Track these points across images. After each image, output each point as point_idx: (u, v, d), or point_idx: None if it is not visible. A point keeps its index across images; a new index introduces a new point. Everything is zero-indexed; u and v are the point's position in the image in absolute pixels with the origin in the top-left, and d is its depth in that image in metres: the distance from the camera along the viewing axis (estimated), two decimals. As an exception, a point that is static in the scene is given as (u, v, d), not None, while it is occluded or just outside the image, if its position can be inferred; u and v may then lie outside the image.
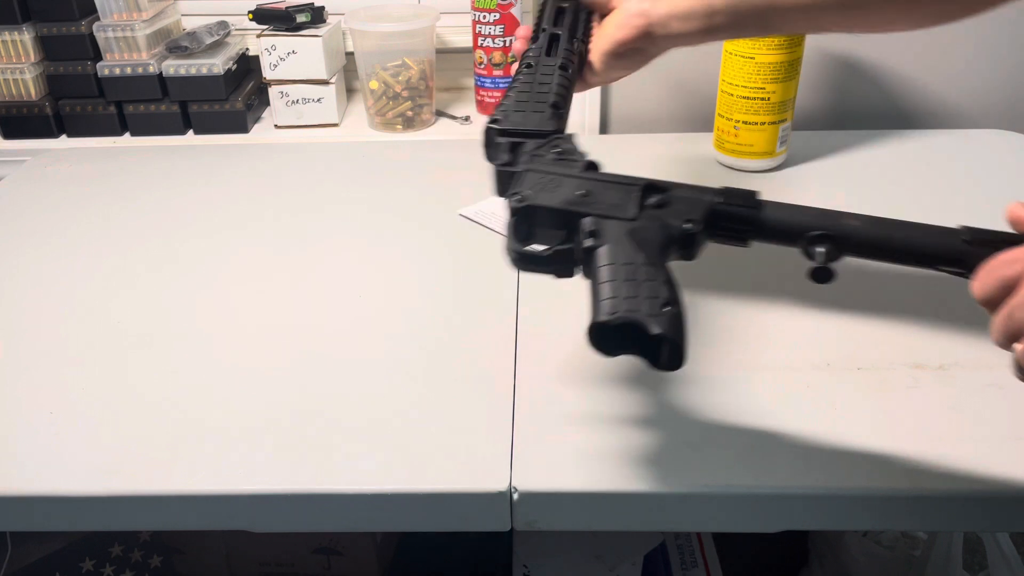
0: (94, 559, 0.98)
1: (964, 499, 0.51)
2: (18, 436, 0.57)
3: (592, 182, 0.49)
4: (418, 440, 0.56)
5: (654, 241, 0.46)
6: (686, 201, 0.48)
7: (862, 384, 0.60)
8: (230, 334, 0.67)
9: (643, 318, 0.41)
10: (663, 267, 0.45)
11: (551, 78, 0.58)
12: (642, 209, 0.47)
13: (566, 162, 0.50)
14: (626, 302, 0.42)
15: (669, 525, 0.54)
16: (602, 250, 0.45)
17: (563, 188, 0.49)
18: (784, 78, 0.88)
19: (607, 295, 0.43)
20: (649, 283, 0.43)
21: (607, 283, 0.43)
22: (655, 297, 0.42)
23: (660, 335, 0.41)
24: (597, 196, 0.48)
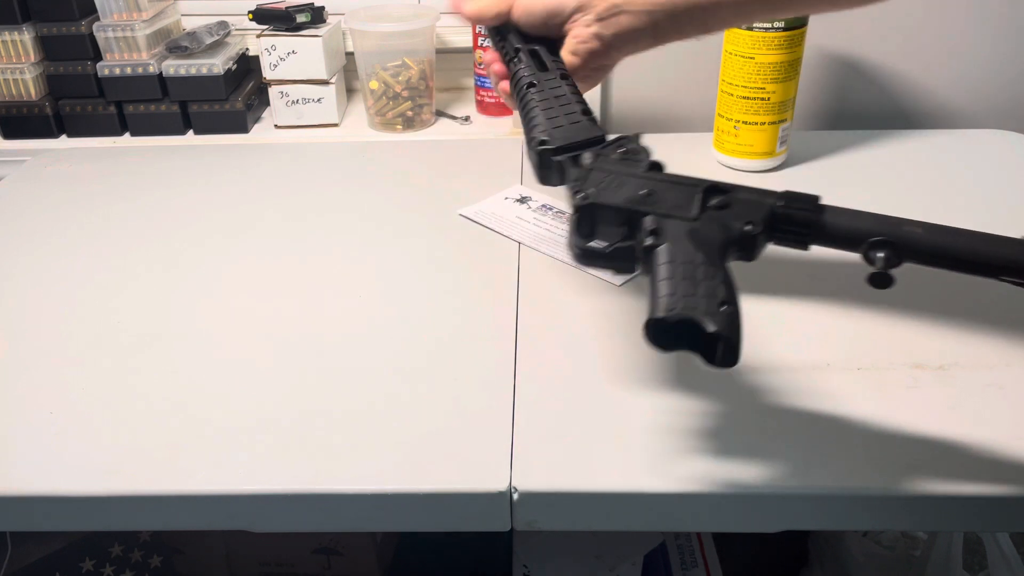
0: (94, 559, 0.98)
1: (964, 499, 0.51)
2: (18, 436, 0.57)
3: (655, 182, 0.50)
4: (418, 440, 0.56)
5: (714, 241, 0.47)
6: (747, 203, 0.49)
7: (862, 384, 0.60)
8: (230, 334, 0.67)
9: (700, 316, 0.42)
10: (722, 267, 0.46)
11: (562, 89, 0.57)
12: (704, 210, 0.48)
13: (630, 162, 0.51)
14: (684, 299, 0.43)
15: (669, 525, 0.54)
16: (662, 248, 0.46)
17: (626, 187, 0.50)
18: (784, 78, 0.88)
19: (665, 292, 0.44)
20: (708, 282, 0.44)
21: (666, 280, 0.44)
22: (713, 296, 0.43)
23: (716, 333, 0.42)
24: (660, 196, 0.49)
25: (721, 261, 0.46)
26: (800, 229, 0.48)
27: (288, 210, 0.87)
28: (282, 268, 0.76)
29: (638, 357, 0.63)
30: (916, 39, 1.04)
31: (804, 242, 0.49)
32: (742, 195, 0.49)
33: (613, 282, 0.73)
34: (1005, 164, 0.95)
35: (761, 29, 0.85)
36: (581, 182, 0.50)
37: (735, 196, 0.49)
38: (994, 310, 0.68)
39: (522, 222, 0.83)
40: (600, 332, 0.66)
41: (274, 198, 0.90)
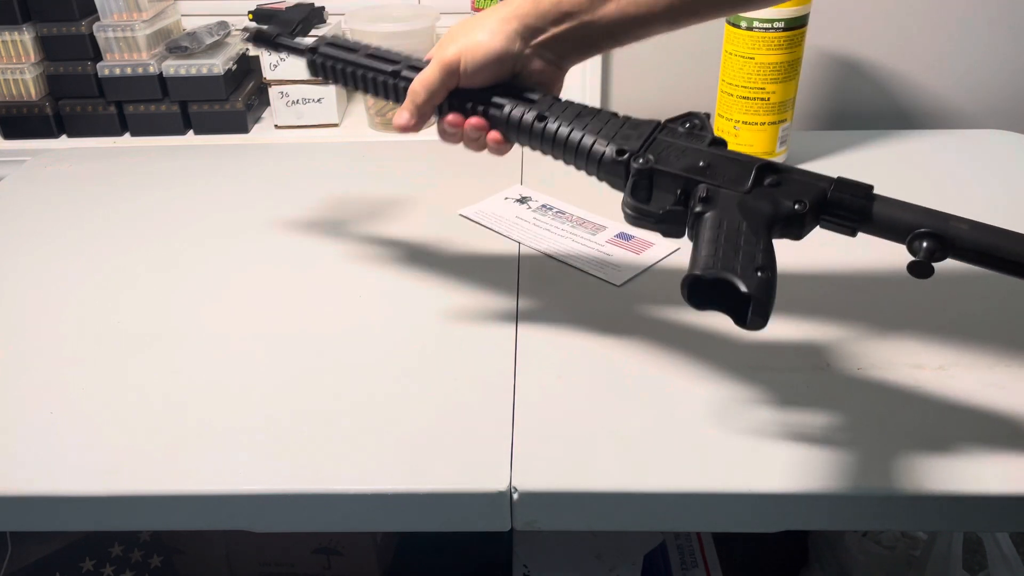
0: (94, 559, 0.98)
1: (964, 499, 0.51)
2: (18, 436, 0.57)
3: (714, 156, 0.52)
4: (418, 440, 0.56)
5: (762, 215, 0.48)
6: (800, 184, 0.50)
7: (862, 384, 0.60)
8: (230, 334, 0.67)
9: (735, 277, 0.44)
10: (766, 238, 0.47)
11: (571, 107, 0.58)
12: (756, 185, 0.50)
13: (694, 136, 0.54)
14: (723, 260, 0.45)
15: (669, 525, 0.54)
16: (711, 215, 0.49)
17: (686, 157, 0.52)
18: (784, 78, 0.88)
19: (706, 252, 0.46)
20: (748, 248, 0.46)
21: (709, 243, 0.47)
22: (751, 260, 0.45)
23: (748, 294, 0.44)
24: (716, 169, 0.51)
25: (766, 233, 0.48)
26: (850, 215, 0.49)
27: (288, 210, 0.87)
28: (282, 268, 0.76)
29: (638, 357, 0.63)
30: (916, 39, 1.04)
31: (853, 228, 0.50)
32: (796, 176, 0.51)
33: (613, 282, 0.73)
34: (1005, 164, 0.95)
35: (761, 29, 0.85)
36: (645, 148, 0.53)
37: (788, 176, 0.51)
38: (994, 310, 0.68)
39: (522, 222, 0.83)
40: (600, 332, 0.66)
41: (274, 198, 0.90)
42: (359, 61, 0.64)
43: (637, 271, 0.74)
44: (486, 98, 0.59)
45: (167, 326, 0.69)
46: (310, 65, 0.67)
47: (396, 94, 0.63)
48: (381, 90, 0.64)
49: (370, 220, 0.85)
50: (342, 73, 0.65)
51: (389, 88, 0.63)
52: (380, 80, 0.63)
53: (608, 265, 0.75)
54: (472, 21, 0.59)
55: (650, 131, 0.54)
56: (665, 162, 0.52)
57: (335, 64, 0.65)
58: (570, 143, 0.56)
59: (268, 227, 0.84)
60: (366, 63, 0.64)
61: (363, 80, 0.64)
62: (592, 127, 0.55)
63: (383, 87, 0.64)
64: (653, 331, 0.66)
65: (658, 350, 0.64)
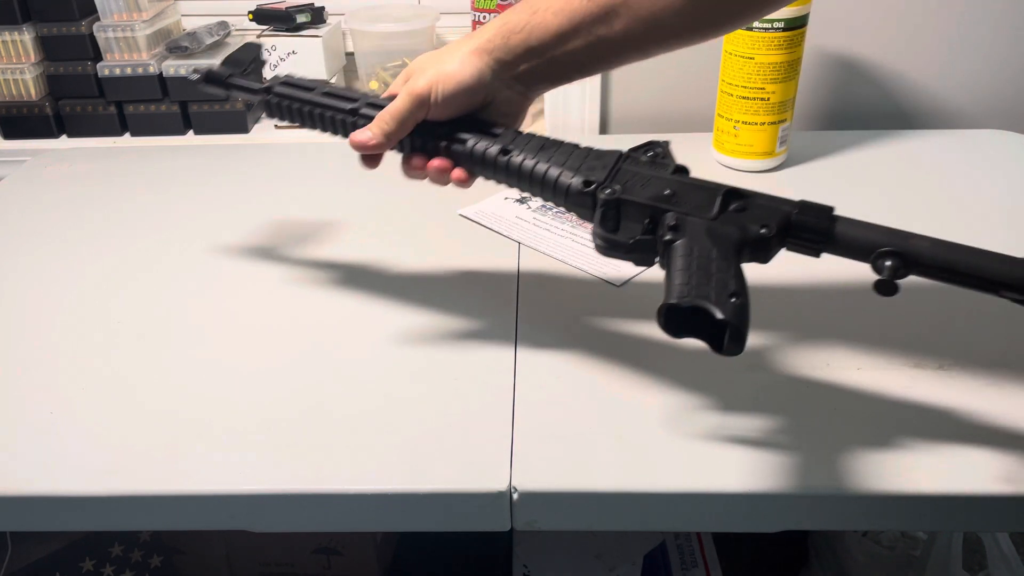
0: (94, 559, 0.98)
1: (964, 499, 0.52)
2: (18, 436, 0.57)
3: (679, 184, 0.53)
4: (418, 440, 0.56)
5: (730, 240, 0.50)
6: (765, 208, 0.51)
7: (862, 384, 0.60)
8: (230, 334, 0.67)
9: (710, 304, 0.45)
10: (735, 264, 0.49)
11: (534, 140, 0.58)
12: (722, 211, 0.51)
13: (658, 165, 0.54)
14: (697, 288, 0.46)
15: (669, 525, 0.54)
16: (681, 242, 0.50)
17: (652, 186, 0.53)
18: (784, 78, 0.88)
19: (680, 281, 0.47)
20: (720, 275, 0.47)
21: (682, 271, 0.48)
22: (724, 287, 0.46)
23: (724, 320, 0.45)
24: (682, 196, 0.52)
25: (736, 258, 0.49)
26: (813, 237, 0.51)
27: (288, 210, 0.87)
28: (282, 268, 0.76)
29: (638, 357, 0.63)
30: (916, 39, 1.04)
31: (816, 250, 0.52)
32: (760, 201, 0.52)
33: (613, 283, 0.73)
34: (1005, 164, 0.95)
35: (760, 29, 0.85)
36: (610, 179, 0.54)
37: (753, 201, 0.52)
38: (993, 311, 0.68)
39: (522, 222, 0.83)
40: (600, 332, 0.66)
41: (274, 198, 0.90)
42: (316, 100, 0.63)
43: (637, 272, 0.74)
44: (450, 133, 0.59)
45: (167, 326, 0.69)
46: (264, 105, 0.66)
47: (279, 111, 0.64)
48: (340, 128, 0.63)
49: (370, 220, 0.85)
50: (299, 112, 0.64)
51: (348, 126, 0.62)
52: (339, 118, 0.63)
53: (608, 265, 0.75)
54: (440, 54, 0.59)
55: (614, 161, 0.55)
56: (631, 192, 0.53)
57: (291, 103, 0.64)
58: (535, 175, 0.56)
59: (268, 227, 0.84)
60: (323, 101, 0.63)
61: (320, 119, 0.64)
62: (557, 159, 0.56)
63: (342, 125, 0.63)
64: (653, 331, 0.65)
65: (658, 350, 0.64)
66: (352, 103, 0.62)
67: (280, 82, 0.65)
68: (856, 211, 0.85)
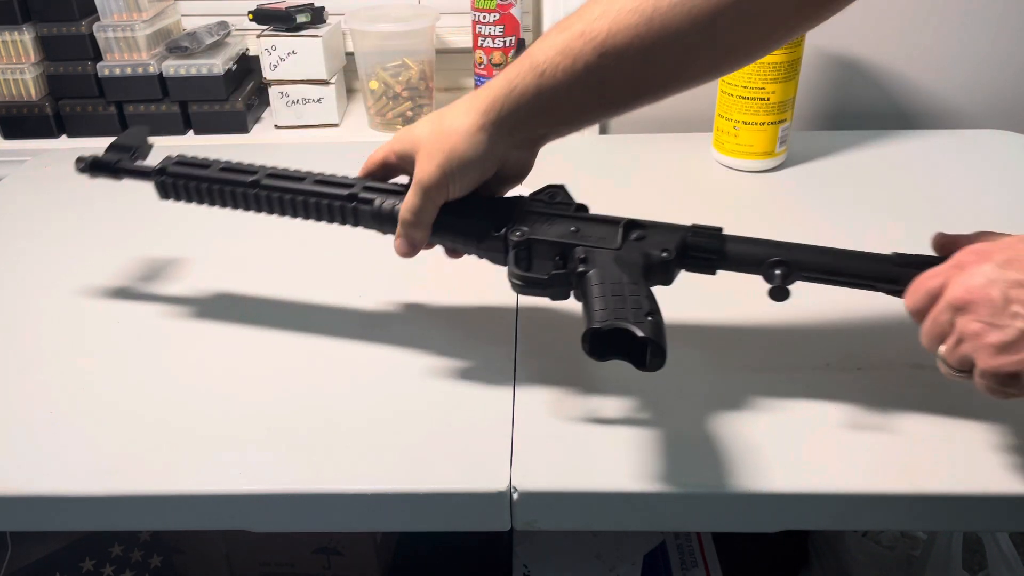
0: (94, 559, 0.98)
1: (964, 499, 0.52)
2: (18, 436, 0.57)
3: (581, 221, 0.57)
4: (418, 440, 0.56)
5: (636, 266, 0.54)
6: (662, 234, 0.56)
7: (862, 384, 0.60)
8: (230, 333, 0.67)
9: (630, 324, 0.49)
10: (644, 285, 0.53)
11: None
12: (625, 241, 0.55)
13: (559, 204, 0.58)
14: (615, 312, 0.50)
15: (669, 525, 0.54)
16: (593, 272, 0.53)
17: (557, 225, 0.57)
18: (783, 78, 0.88)
19: (598, 307, 0.50)
20: (634, 297, 0.51)
21: (598, 298, 0.51)
22: (639, 308, 0.50)
23: (645, 338, 0.48)
24: (586, 231, 0.56)
25: (644, 282, 0.53)
26: (707, 255, 0.55)
27: (288, 210, 0.87)
28: (282, 268, 0.76)
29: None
30: (916, 39, 1.04)
31: (712, 267, 0.56)
32: (656, 228, 0.56)
33: (613, 282, 0.73)
34: (1005, 164, 0.95)
35: (761, 29, 0.85)
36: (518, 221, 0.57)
37: (651, 230, 0.56)
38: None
39: (522, 222, 0.83)
40: (600, 332, 0.66)
41: (274, 198, 0.90)
42: (214, 176, 0.63)
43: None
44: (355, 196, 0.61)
45: (167, 326, 0.69)
46: (159, 187, 0.65)
47: (258, 203, 0.63)
48: (241, 201, 0.64)
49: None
50: (196, 191, 0.64)
51: (251, 198, 0.63)
52: (239, 192, 0.63)
53: (608, 265, 0.75)
54: (444, 130, 0.56)
55: (519, 206, 0.58)
56: (540, 232, 0.56)
57: (187, 183, 0.64)
58: (447, 226, 0.58)
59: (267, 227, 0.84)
60: (222, 177, 0.63)
61: (220, 195, 0.64)
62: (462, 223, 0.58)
63: (243, 199, 0.63)
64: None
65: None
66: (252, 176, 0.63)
67: (173, 162, 0.65)
68: (856, 211, 0.85)
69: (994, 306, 0.44)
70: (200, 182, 0.64)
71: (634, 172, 0.94)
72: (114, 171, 0.67)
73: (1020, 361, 0.44)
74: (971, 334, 0.46)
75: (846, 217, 0.82)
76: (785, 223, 0.82)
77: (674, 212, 0.86)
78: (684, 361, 0.63)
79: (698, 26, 0.49)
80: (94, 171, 0.67)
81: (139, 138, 0.69)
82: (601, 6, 0.51)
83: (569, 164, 0.97)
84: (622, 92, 0.54)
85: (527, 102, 0.54)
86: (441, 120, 0.56)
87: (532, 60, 0.53)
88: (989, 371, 0.45)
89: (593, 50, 0.51)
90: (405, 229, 0.59)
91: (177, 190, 0.65)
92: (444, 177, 0.55)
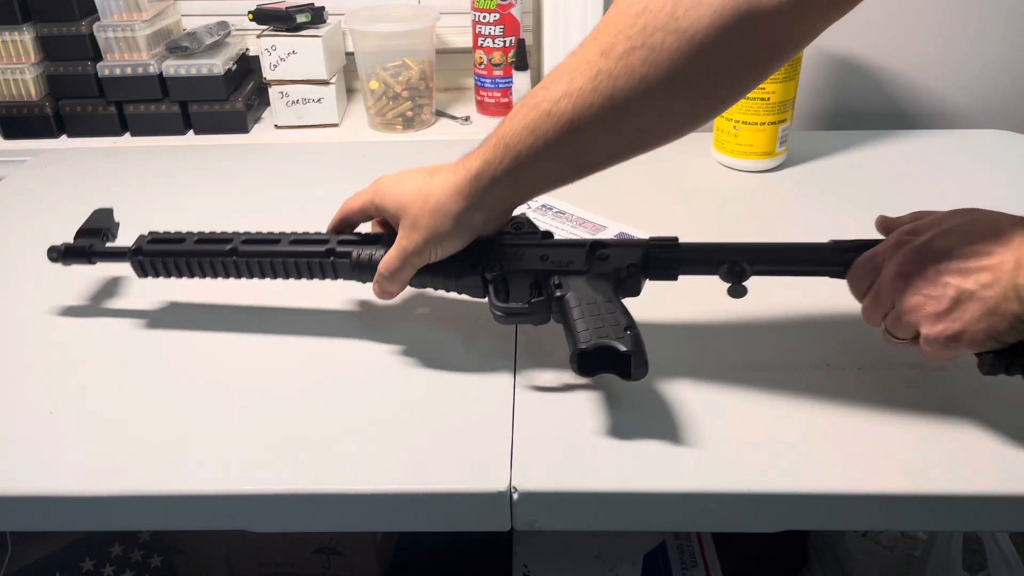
0: (94, 559, 0.98)
1: (964, 499, 0.52)
2: (18, 436, 0.57)
3: (549, 247, 0.61)
4: (418, 440, 0.56)
5: (607, 283, 0.58)
6: (624, 250, 0.60)
7: (862, 384, 0.60)
8: (230, 332, 0.67)
9: (612, 341, 0.53)
10: (618, 302, 0.57)
11: None
12: (592, 261, 0.59)
13: (525, 235, 0.62)
14: (596, 331, 0.54)
15: (669, 525, 0.54)
16: (570, 296, 0.57)
17: (528, 255, 0.60)
18: (783, 78, 0.88)
19: (581, 328, 0.55)
20: (611, 315, 0.55)
21: (579, 320, 0.55)
22: (617, 325, 0.54)
23: (627, 352, 0.52)
24: (556, 257, 0.60)
25: (617, 298, 0.57)
26: (669, 264, 0.59)
27: (288, 210, 0.87)
28: (282, 268, 0.76)
29: (638, 357, 0.64)
30: (916, 39, 1.04)
31: (674, 274, 0.60)
32: (618, 245, 0.60)
33: (613, 282, 0.73)
34: (1005, 164, 0.95)
35: (761, 29, 0.85)
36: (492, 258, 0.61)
37: (614, 248, 0.60)
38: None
39: (522, 222, 0.83)
40: (600, 332, 0.66)
41: (274, 198, 0.90)
42: (190, 249, 0.65)
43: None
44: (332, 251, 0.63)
45: (167, 324, 0.69)
46: (136, 266, 0.66)
47: (236, 270, 0.65)
48: (221, 270, 0.65)
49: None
50: (174, 265, 0.66)
51: (229, 266, 0.65)
52: (218, 262, 0.65)
53: (608, 265, 0.75)
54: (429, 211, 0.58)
55: (491, 242, 0.61)
56: (513, 264, 0.60)
57: (163, 259, 0.65)
58: (424, 268, 0.61)
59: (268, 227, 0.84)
60: (198, 249, 0.65)
61: (200, 266, 0.65)
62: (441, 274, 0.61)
63: (222, 267, 0.65)
64: (652, 331, 0.65)
65: (657, 350, 0.64)
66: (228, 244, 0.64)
67: (147, 240, 0.66)
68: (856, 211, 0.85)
69: (927, 279, 0.50)
70: (177, 256, 0.65)
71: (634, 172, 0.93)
72: (88, 256, 0.68)
73: (958, 324, 0.49)
74: (912, 306, 0.51)
75: (846, 217, 0.82)
76: (785, 223, 0.82)
77: (674, 212, 0.86)
78: (684, 360, 0.63)
79: (655, 101, 0.50)
80: (67, 259, 0.68)
81: (106, 220, 0.71)
82: (562, 85, 0.52)
83: (569, 164, 0.97)
84: (596, 159, 0.56)
85: (505, 182, 0.56)
86: (426, 192, 0.59)
87: (506, 142, 0.55)
88: (932, 336, 0.50)
89: (561, 128, 0.52)
90: (382, 284, 0.62)
91: (155, 267, 0.66)
92: (427, 249, 0.59)
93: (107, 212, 0.72)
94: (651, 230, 0.80)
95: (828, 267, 0.58)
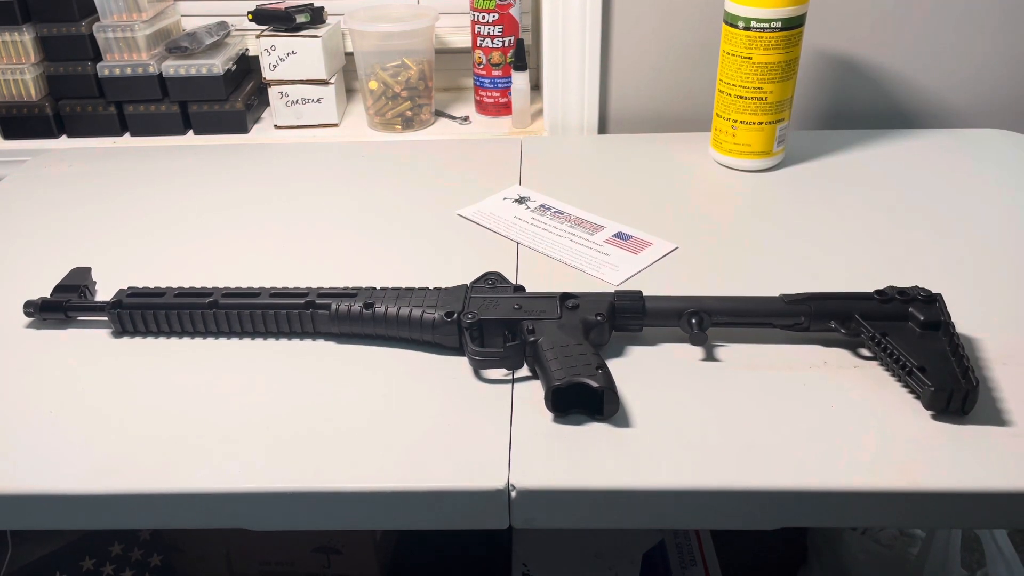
0: (94, 558, 0.98)
1: (962, 497, 0.52)
2: (18, 436, 0.57)
3: (522, 298, 0.65)
4: (417, 439, 0.56)
5: (577, 329, 0.62)
6: (592, 300, 0.64)
7: (860, 383, 0.60)
8: (229, 332, 0.68)
9: (586, 378, 0.56)
10: (589, 345, 0.60)
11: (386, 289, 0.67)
12: (563, 310, 0.63)
13: (499, 288, 0.67)
14: (569, 370, 0.57)
15: (668, 523, 0.54)
16: (543, 340, 0.60)
17: (501, 305, 0.64)
18: (781, 78, 0.88)
19: (555, 368, 0.57)
20: (582, 356, 0.58)
21: (552, 361, 0.58)
22: (589, 364, 0.57)
23: (600, 388, 0.56)
24: (528, 307, 0.64)
25: (587, 342, 0.61)
26: (633, 315, 0.64)
27: (288, 210, 0.87)
28: (282, 268, 0.76)
29: (636, 356, 0.64)
30: (916, 39, 1.04)
31: (640, 325, 0.64)
32: (586, 296, 0.64)
33: (611, 282, 0.73)
34: (1005, 164, 0.95)
35: (758, 29, 0.85)
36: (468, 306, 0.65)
37: (582, 298, 0.64)
38: (992, 311, 0.68)
39: (520, 222, 0.83)
40: (598, 331, 0.66)
41: (274, 198, 0.90)
42: (170, 303, 0.66)
43: (635, 271, 0.74)
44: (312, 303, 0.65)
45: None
46: (115, 321, 0.67)
47: (217, 323, 0.66)
48: (200, 324, 0.66)
49: (369, 220, 0.85)
50: (154, 320, 0.66)
51: (209, 319, 0.66)
52: (198, 315, 0.66)
53: (606, 265, 0.75)
54: None
55: (464, 293, 0.65)
56: (488, 312, 0.63)
57: (143, 312, 0.66)
58: (401, 318, 0.64)
59: (268, 227, 0.84)
60: (179, 303, 0.66)
61: (179, 320, 0.66)
62: (415, 302, 0.65)
63: (202, 321, 0.66)
64: (651, 331, 0.66)
65: (656, 350, 0.65)
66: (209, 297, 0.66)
67: (127, 295, 0.68)
68: (854, 211, 0.85)
69: None
70: (157, 310, 0.66)
71: (633, 172, 0.94)
72: (64, 311, 0.68)
73: None
74: None
75: (844, 217, 0.82)
76: (783, 223, 0.82)
77: (673, 212, 0.86)
78: (683, 359, 0.63)
79: None
80: (44, 313, 0.69)
81: (84, 277, 0.72)
82: None
83: (569, 164, 0.97)
84: None
85: None
86: None
87: None
88: None
89: None
90: None
91: (135, 321, 0.67)
92: None
93: (85, 271, 0.73)
94: (649, 230, 0.81)
95: (780, 319, 0.63)
